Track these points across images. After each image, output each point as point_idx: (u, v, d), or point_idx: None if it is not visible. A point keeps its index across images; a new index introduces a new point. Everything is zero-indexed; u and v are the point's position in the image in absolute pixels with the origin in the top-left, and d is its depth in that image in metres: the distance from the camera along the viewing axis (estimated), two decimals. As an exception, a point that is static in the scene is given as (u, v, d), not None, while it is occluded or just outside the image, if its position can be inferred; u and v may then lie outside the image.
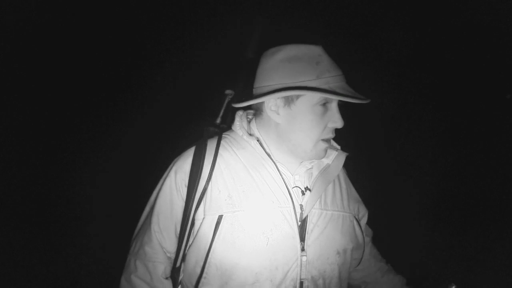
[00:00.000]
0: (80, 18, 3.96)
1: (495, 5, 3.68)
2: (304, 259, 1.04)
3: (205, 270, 1.03)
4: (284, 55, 1.06)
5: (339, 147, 1.20)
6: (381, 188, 3.55)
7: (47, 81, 4.16)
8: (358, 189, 1.31)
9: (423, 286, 1.35)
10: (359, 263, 1.26)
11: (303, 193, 1.10)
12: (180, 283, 1.13)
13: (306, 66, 1.03)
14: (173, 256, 1.10)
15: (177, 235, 1.09)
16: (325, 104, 1.05)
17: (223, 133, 1.18)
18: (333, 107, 1.06)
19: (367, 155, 3.52)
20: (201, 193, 1.05)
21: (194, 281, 1.06)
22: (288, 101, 1.04)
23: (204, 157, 1.08)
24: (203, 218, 1.04)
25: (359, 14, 4.20)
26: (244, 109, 1.19)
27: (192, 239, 1.08)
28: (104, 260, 2.92)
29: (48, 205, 3.90)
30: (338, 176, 1.23)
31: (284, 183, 1.08)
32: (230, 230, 1.02)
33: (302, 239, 1.05)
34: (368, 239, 1.34)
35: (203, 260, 1.03)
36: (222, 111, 1.26)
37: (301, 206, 1.08)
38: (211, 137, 1.17)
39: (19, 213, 3.77)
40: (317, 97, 1.02)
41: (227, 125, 1.24)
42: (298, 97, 1.03)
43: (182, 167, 1.09)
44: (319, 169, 1.15)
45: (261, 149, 1.12)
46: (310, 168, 1.14)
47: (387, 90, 4.07)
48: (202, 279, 1.04)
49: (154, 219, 1.09)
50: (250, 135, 1.14)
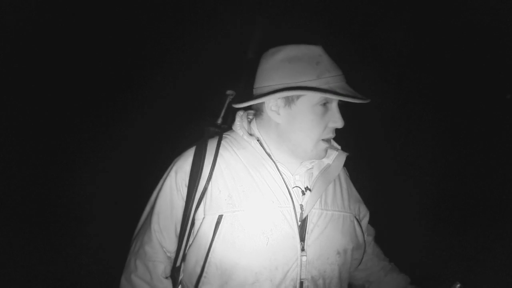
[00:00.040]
0: (80, 18, 3.96)
1: (495, 5, 3.68)
2: (304, 259, 1.04)
3: (205, 269, 1.03)
4: (284, 55, 1.06)
5: (339, 147, 1.20)
6: (381, 188, 3.55)
7: (47, 81, 4.16)
8: (358, 189, 1.31)
9: (427, 285, 1.34)
10: (359, 263, 1.26)
11: (303, 193, 1.10)
12: (180, 282, 1.14)
13: (306, 66, 1.03)
14: (173, 255, 1.11)
15: (177, 235, 1.09)
16: (325, 104, 1.05)
17: (224, 133, 1.18)
18: (333, 107, 1.06)
19: (367, 155, 3.52)
20: (201, 193, 1.05)
21: (194, 281, 1.06)
22: (289, 101, 1.04)
23: (205, 157, 1.08)
24: (203, 218, 1.04)
25: (359, 14, 4.20)
26: (245, 109, 1.19)
27: (192, 238, 1.08)
28: (104, 260, 2.92)
29: (48, 205, 3.90)
30: (339, 176, 1.23)
31: (284, 183, 1.08)
32: (230, 229, 1.02)
33: (302, 239, 1.05)
34: (370, 238, 1.33)
35: (203, 260, 1.03)
36: (223, 111, 1.26)
37: (301, 206, 1.08)
38: (211, 137, 1.17)
39: (19, 213, 3.77)
40: (317, 97, 1.02)
41: (228, 125, 1.24)
42: (298, 97, 1.03)
43: (182, 167, 1.09)
44: (320, 169, 1.15)
45: (261, 149, 1.12)
46: (310, 168, 1.14)
47: (387, 90, 4.07)
48: (202, 279, 1.04)
49: (154, 218, 1.10)
50: (251, 135, 1.14)
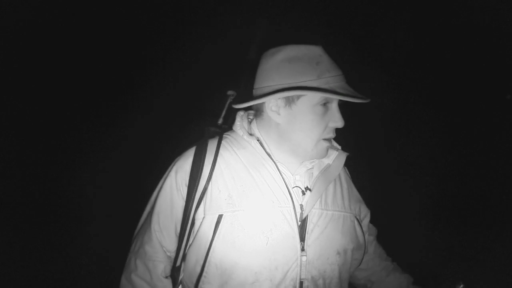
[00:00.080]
0: (80, 18, 3.96)
1: (495, 5, 3.68)
2: (304, 259, 1.04)
3: (205, 269, 1.03)
4: (284, 55, 1.06)
5: (339, 147, 1.20)
6: (381, 188, 3.54)
7: (47, 81, 4.17)
8: (358, 189, 1.31)
9: (430, 285, 1.34)
10: (360, 263, 1.26)
11: (303, 193, 1.10)
12: (180, 282, 1.14)
13: (307, 66, 1.03)
14: (173, 255, 1.11)
15: (177, 234, 1.09)
16: (325, 104, 1.05)
17: (224, 133, 1.18)
18: (334, 107, 1.06)
19: (367, 155, 3.51)
20: (202, 192, 1.05)
21: (194, 280, 1.06)
22: (289, 101, 1.04)
23: (205, 157, 1.08)
24: (203, 218, 1.04)
25: (359, 14, 4.21)
26: (245, 109, 1.19)
27: (192, 238, 1.08)
28: (104, 260, 2.92)
29: (48, 205, 3.90)
30: (339, 176, 1.23)
31: (284, 183, 1.08)
32: (230, 229, 1.02)
33: (302, 239, 1.05)
34: (372, 238, 1.33)
35: (203, 259, 1.03)
36: (224, 111, 1.26)
37: (301, 206, 1.08)
38: (212, 137, 1.17)
39: (19, 213, 3.77)
40: (317, 97, 1.02)
41: (228, 125, 1.24)
42: (298, 97, 1.03)
43: (182, 166, 1.09)
44: (320, 169, 1.15)
45: (262, 149, 1.12)
46: (310, 168, 1.14)
47: (387, 90, 4.07)
48: (202, 278, 1.04)
49: (155, 218, 1.10)
50: (251, 135, 1.14)
